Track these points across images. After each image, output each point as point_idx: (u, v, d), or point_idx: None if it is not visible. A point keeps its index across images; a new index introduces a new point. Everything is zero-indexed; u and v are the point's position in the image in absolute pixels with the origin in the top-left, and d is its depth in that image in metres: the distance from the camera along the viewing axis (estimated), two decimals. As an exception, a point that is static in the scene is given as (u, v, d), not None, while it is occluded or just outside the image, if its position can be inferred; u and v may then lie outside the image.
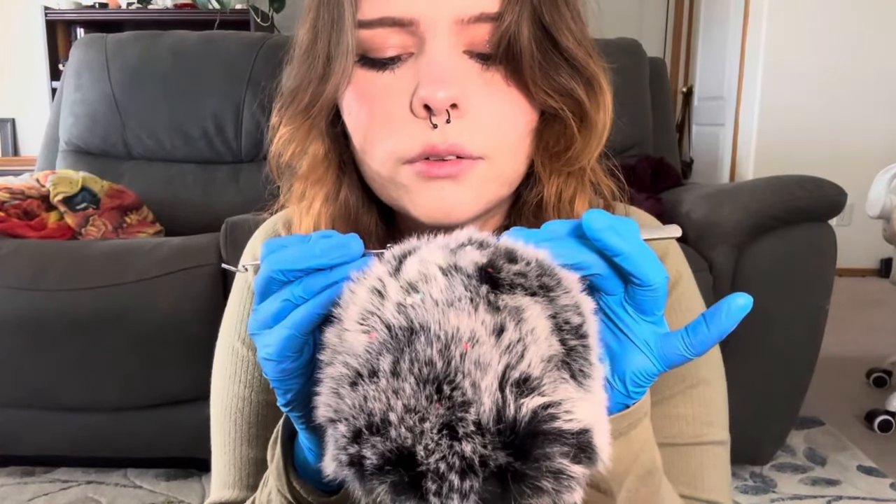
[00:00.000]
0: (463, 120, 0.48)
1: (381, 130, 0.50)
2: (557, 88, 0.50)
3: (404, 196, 0.51)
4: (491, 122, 0.50)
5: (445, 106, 0.47)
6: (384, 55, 0.49)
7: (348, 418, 0.32)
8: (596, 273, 0.37)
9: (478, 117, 0.49)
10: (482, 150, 0.49)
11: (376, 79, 0.50)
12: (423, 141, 0.48)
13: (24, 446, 1.77)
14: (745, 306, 0.37)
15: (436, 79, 0.47)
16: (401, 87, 0.49)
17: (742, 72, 4.08)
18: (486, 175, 0.50)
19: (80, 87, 2.31)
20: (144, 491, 1.73)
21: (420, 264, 0.33)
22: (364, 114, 0.51)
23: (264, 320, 0.38)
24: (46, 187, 1.96)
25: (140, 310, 1.57)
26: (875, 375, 2.43)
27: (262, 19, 3.53)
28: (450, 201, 0.50)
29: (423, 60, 0.48)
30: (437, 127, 0.48)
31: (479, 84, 0.49)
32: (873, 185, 2.15)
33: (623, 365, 0.40)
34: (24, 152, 3.73)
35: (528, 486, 0.30)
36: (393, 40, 0.49)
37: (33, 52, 3.57)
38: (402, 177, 0.50)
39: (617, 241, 0.36)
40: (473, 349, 0.30)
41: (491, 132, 0.50)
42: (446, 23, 0.48)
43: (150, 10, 3.62)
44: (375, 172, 0.52)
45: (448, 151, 0.48)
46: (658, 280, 0.37)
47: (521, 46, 0.48)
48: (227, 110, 2.29)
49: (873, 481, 1.82)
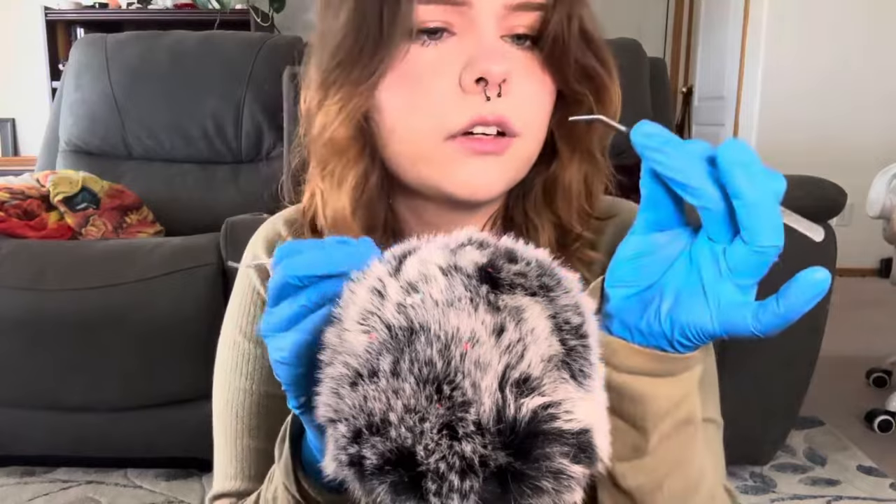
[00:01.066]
0: (508, 97, 0.51)
1: (423, 105, 0.51)
2: (586, 73, 0.54)
3: (439, 171, 0.52)
4: (528, 101, 0.52)
5: (499, 80, 0.49)
6: (428, 25, 0.51)
7: (348, 418, 0.32)
8: (708, 208, 0.36)
9: (519, 96, 0.51)
10: (521, 127, 0.52)
11: (421, 54, 0.51)
12: (473, 113, 0.50)
13: (24, 446, 1.77)
14: (821, 281, 0.35)
15: (490, 55, 0.49)
16: (445, 64, 0.51)
17: (742, 72, 4.08)
18: (519, 153, 0.53)
19: (80, 87, 2.31)
20: (144, 491, 1.73)
21: (420, 264, 0.33)
22: (406, 89, 0.51)
23: (278, 323, 0.38)
24: (46, 187, 1.96)
25: (140, 310, 1.57)
26: (875, 375, 2.43)
27: (262, 19, 3.53)
28: (486, 178, 0.52)
29: (475, 39, 0.50)
30: (489, 100, 0.50)
31: (519, 66, 0.52)
32: (873, 185, 2.15)
33: (681, 310, 0.39)
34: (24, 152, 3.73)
35: (528, 486, 0.30)
36: (438, 17, 0.50)
37: (33, 52, 3.57)
38: (444, 152, 0.51)
39: (745, 183, 0.34)
40: (473, 349, 0.30)
41: (529, 111, 0.52)
42: (496, 6, 0.50)
43: (150, 10, 3.62)
44: (407, 151, 0.53)
45: (496, 122, 0.50)
46: (770, 242, 0.35)
47: (570, 37, 0.52)
48: (227, 110, 2.29)
49: (873, 481, 1.82)
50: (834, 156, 3.69)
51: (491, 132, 0.51)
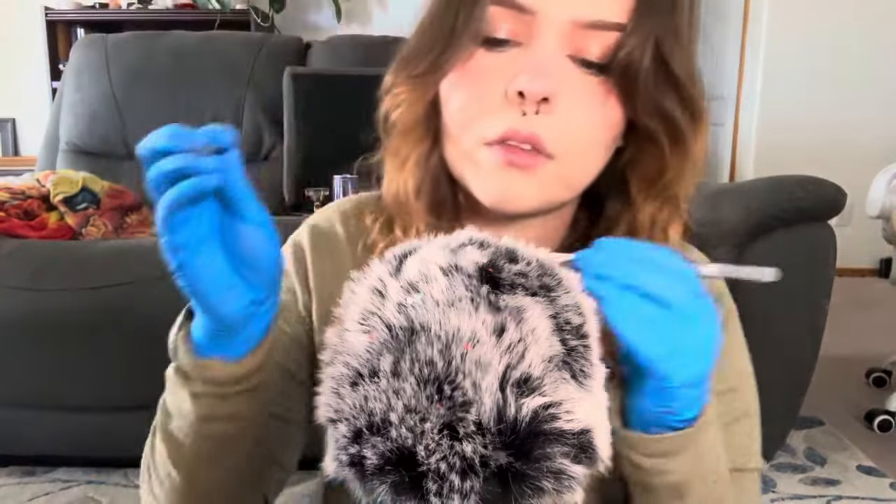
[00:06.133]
0: (549, 116, 0.50)
1: (473, 108, 0.52)
2: (661, 112, 0.52)
3: (474, 175, 0.53)
4: (575, 126, 0.51)
5: (538, 98, 0.49)
6: (495, 35, 0.51)
7: (349, 418, 0.32)
8: None
9: (564, 118, 0.50)
10: (556, 150, 0.51)
11: (484, 59, 0.52)
12: (507, 125, 0.50)
13: (24, 446, 1.76)
14: None
15: (537, 71, 0.49)
16: (502, 71, 0.50)
17: (742, 72, 4.08)
18: (553, 174, 0.52)
19: (81, 88, 2.31)
20: (144, 491, 1.72)
21: (420, 264, 0.33)
22: (462, 89, 0.52)
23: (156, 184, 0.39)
24: (47, 187, 1.96)
25: (140, 310, 1.56)
26: (875, 375, 2.43)
27: (263, 19, 3.53)
28: (513, 192, 0.52)
29: (529, 51, 0.50)
30: (525, 115, 0.50)
31: (576, 88, 0.50)
32: (873, 185, 2.15)
33: None
34: (24, 152, 3.73)
35: (528, 486, 0.30)
36: (506, 25, 0.51)
37: (33, 52, 3.56)
38: (480, 156, 0.52)
39: None
40: (474, 349, 0.30)
41: (571, 136, 0.51)
42: (562, 22, 0.49)
43: (150, 11, 3.62)
44: (455, 147, 0.54)
45: (526, 140, 0.50)
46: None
47: (641, 66, 0.50)
48: (227, 110, 2.29)
49: (873, 481, 1.82)
50: (834, 156, 3.68)
51: (525, 147, 0.51)
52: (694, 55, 0.54)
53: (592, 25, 0.50)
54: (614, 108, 0.52)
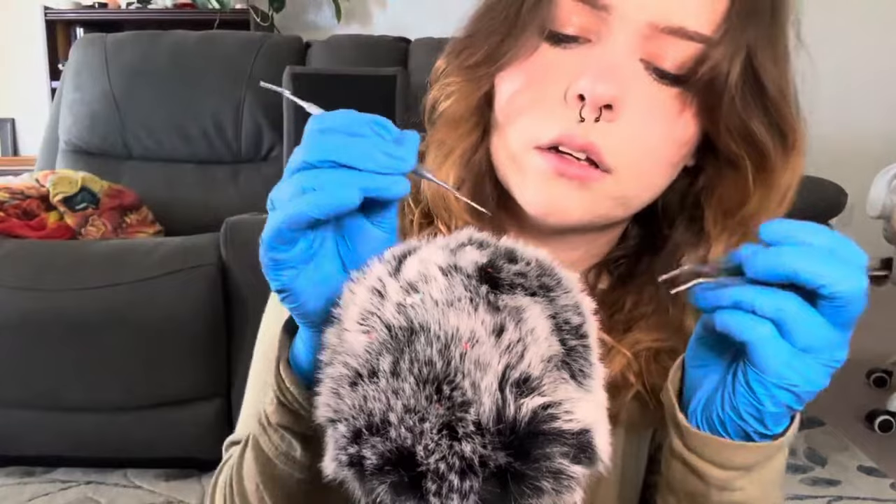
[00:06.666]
0: (612, 125, 0.45)
1: (527, 106, 0.47)
2: (746, 134, 0.46)
3: (519, 181, 0.48)
4: (639, 139, 0.46)
5: (601, 103, 0.44)
6: (564, 31, 0.46)
7: (348, 418, 0.32)
8: None
9: (627, 129, 0.45)
10: (616, 163, 0.46)
11: (546, 53, 0.47)
12: (562, 129, 0.45)
13: (24, 446, 1.77)
14: None
15: (602, 73, 0.44)
16: (565, 69, 0.46)
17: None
18: (608, 190, 0.47)
19: (80, 87, 2.31)
20: (144, 491, 1.72)
21: (420, 264, 0.33)
22: (519, 85, 0.48)
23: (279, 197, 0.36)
24: (46, 187, 1.96)
25: (140, 310, 1.57)
26: (875, 375, 2.43)
27: (262, 19, 3.52)
28: (560, 204, 0.47)
29: (597, 51, 0.45)
30: (583, 121, 0.45)
31: (645, 97, 0.45)
32: (873, 185, 2.15)
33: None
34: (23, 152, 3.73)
35: (527, 487, 0.30)
36: (577, 20, 0.46)
37: (33, 52, 3.56)
38: (529, 161, 0.47)
39: None
40: (473, 349, 0.30)
41: (634, 149, 0.46)
42: (639, 22, 0.44)
43: (149, 10, 3.61)
44: (504, 147, 0.49)
45: (582, 148, 0.45)
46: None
47: (728, 81, 0.44)
48: (227, 110, 2.29)
49: (873, 481, 1.82)
50: (834, 156, 3.68)
51: (580, 156, 0.46)
52: (789, 71, 0.48)
53: (673, 32, 0.44)
54: (688, 125, 0.47)
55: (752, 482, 0.42)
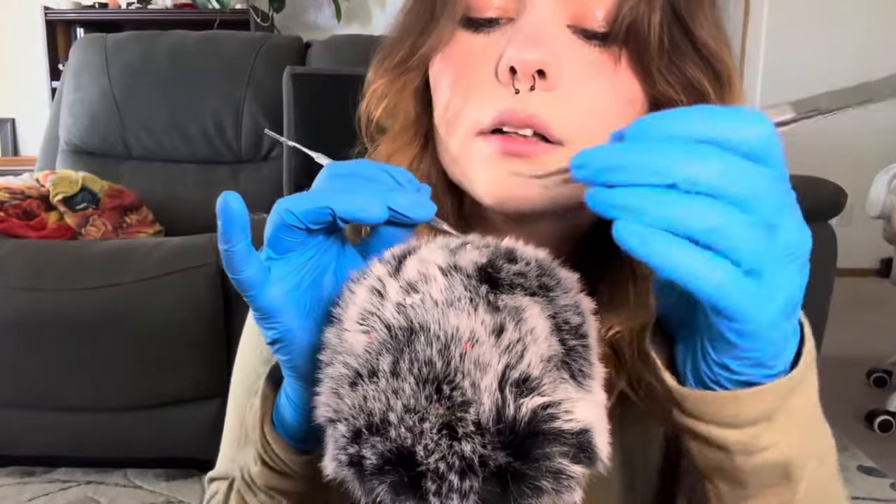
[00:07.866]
0: (550, 94, 0.43)
1: (462, 97, 0.45)
2: (682, 80, 0.44)
3: (469, 172, 0.46)
4: (583, 104, 0.43)
5: (531, 70, 0.42)
6: (483, 15, 0.45)
7: (348, 418, 0.32)
8: None
9: (569, 96, 0.43)
10: (565, 134, 0.43)
11: (470, 41, 0.45)
12: (500, 107, 0.43)
13: (24, 446, 1.77)
14: None
15: (527, 39, 0.42)
16: (491, 51, 0.44)
17: (742, 71, 4.08)
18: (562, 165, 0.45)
19: (80, 87, 2.31)
20: (144, 491, 1.72)
21: (420, 264, 0.33)
22: (448, 78, 0.46)
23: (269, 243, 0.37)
24: (46, 187, 1.96)
25: (140, 310, 1.57)
26: (875, 375, 2.43)
27: (262, 19, 3.53)
28: (515, 186, 0.44)
29: (520, 23, 0.43)
30: (518, 93, 0.43)
31: (578, 60, 0.43)
32: (873, 185, 2.15)
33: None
34: (24, 152, 3.73)
35: (527, 486, 0.30)
36: (496, 1, 0.45)
37: (33, 52, 3.56)
38: (474, 149, 0.45)
39: None
40: (473, 349, 0.30)
41: (581, 116, 0.43)
42: None
43: (149, 10, 3.61)
44: (446, 147, 0.47)
45: (525, 123, 0.43)
46: None
47: (649, 30, 0.42)
48: (227, 110, 2.30)
49: (873, 481, 1.82)
50: (834, 156, 3.69)
51: (526, 133, 0.43)
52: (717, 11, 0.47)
53: None
54: (629, 82, 0.44)
55: (782, 433, 0.35)
